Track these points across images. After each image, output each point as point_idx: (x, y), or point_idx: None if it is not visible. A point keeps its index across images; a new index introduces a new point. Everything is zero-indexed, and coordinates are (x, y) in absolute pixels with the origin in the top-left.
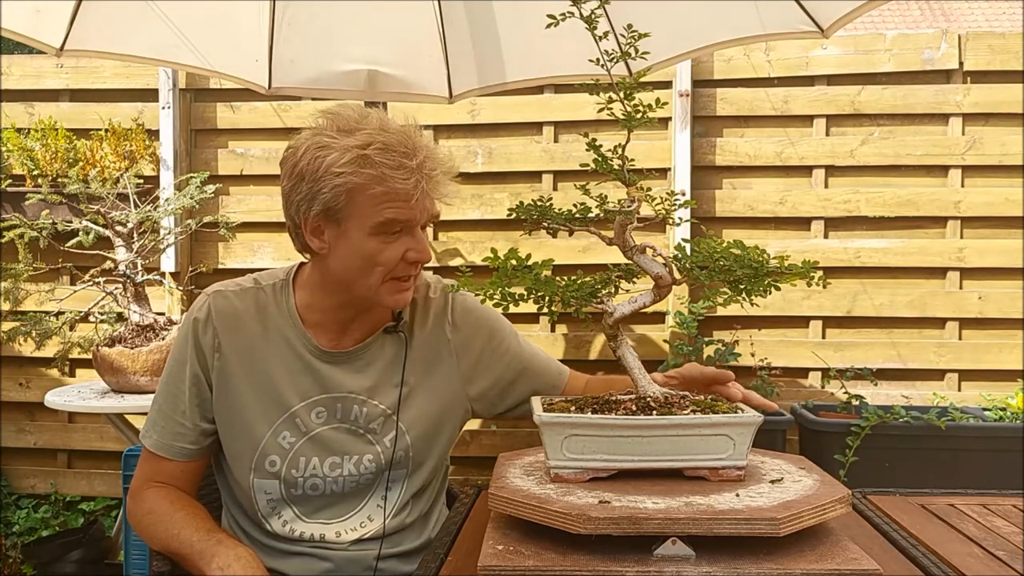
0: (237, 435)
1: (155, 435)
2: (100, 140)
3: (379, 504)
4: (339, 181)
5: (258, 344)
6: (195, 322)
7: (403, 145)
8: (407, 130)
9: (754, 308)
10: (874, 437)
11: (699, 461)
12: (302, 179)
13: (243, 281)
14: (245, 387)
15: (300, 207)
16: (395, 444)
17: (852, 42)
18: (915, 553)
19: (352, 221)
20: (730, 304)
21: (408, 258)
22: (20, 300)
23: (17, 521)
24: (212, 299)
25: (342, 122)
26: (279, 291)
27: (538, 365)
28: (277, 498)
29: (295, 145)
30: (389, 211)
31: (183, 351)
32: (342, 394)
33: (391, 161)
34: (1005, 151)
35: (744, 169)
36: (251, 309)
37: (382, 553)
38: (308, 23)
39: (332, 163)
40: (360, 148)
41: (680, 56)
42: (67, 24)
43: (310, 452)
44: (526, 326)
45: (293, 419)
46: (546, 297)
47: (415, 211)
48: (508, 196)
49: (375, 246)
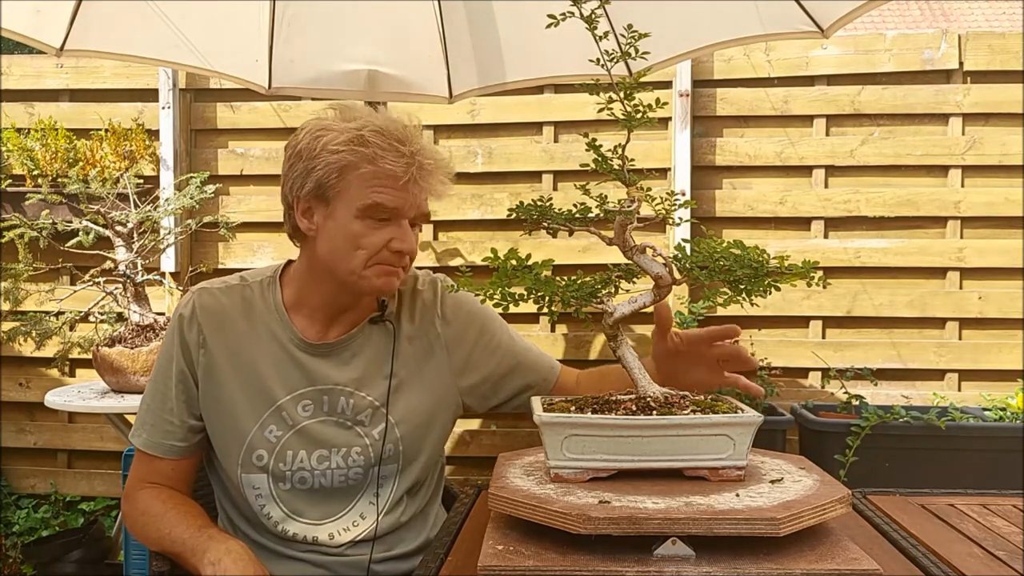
0: (225, 431)
1: (144, 434)
2: (100, 140)
3: (371, 502)
4: (333, 159)
5: (244, 339)
6: (180, 318)
7: (399, 132)
8: (406, 124)
9: (754, 308)
10: (874, 437)
11: (699, 461)
12: (299, 158)
13: (229, 279)
14: (231, 382)
15: (295, 184)
16: (384, 437)
17: (852, 42)
18: (915, 553)
19: (341, 201)
20: (730, 304)
21: (392, 246)
22: (20, 300)
23: (17, 521)
24: (197, 296)
25: (346, 112)
26: (266, 287)
27: (530, 359)
28: (265, 493)
29: (298, 129)
30: (377, 194)
31: (169, 349)
32: (328, 386)
33: (384, 143)
34: (1005, 151)
35: (744, 169)
36: (237, 305)
37: (379, 556)
38: (308, 23)
39: (329, 142)
40: (357, 129)
41: (680, 56)
42: (67, 24)
43: (297, 445)
44: (526, 326)
45: (279, 412)
46: (546, 297)
47: (404, 199)
48: (508, 196)
49: (360, 229)
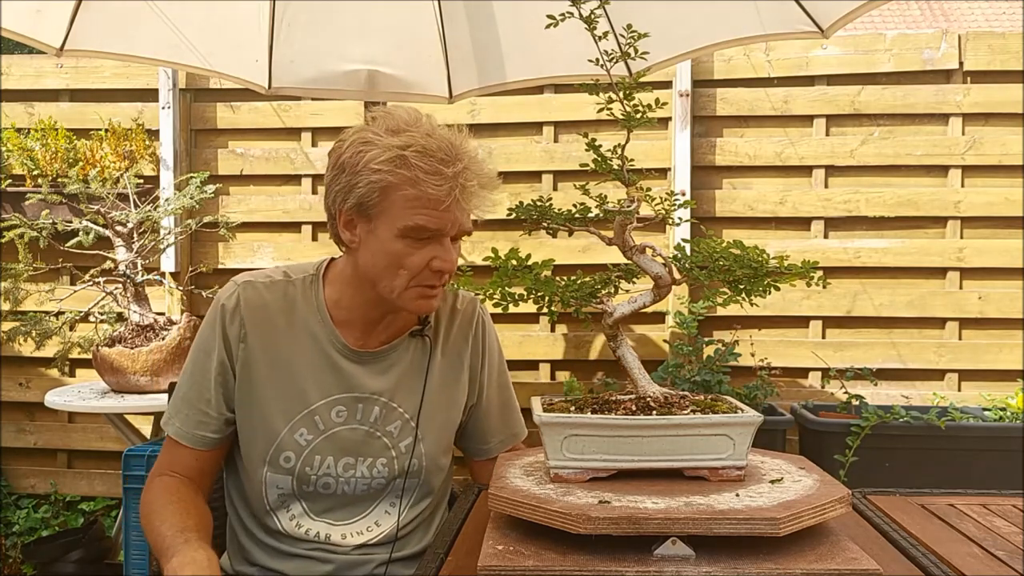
0: (254, 428)
1: (178, 422)
2: (100, 140)
3: (387, 511)
4: (375, 178)
5: (283, 338)
6: (223, 309)
7: (443, 152)
8: (452, 137)
9: (754, 308)
10: (874, 437)
11: (699, 461)
12: (342, 171)
13: (273, 273)
14: (267, 380)
15: (337, 198)
16: (412, 451)
17: (852, 42)
18: (915, 553)
19: (382, 219)
20: (730, 304)
21: (433, 266)
22: (20, 300)
23: (17, 521)
24: (242, 289)
25: (391, 122)
26: (308, 285)
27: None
28: (288, 492)
29: (343, 138)
30: (419, 217)
31: (210, 339)
32: (364, 395)
33: (427, 166)
34: (1005, 151)
35: (744, 169)
36: (279, 302)
37: (385, 557)
38: (308, 23)
39: (371, 159)
40: (400, 148)
41: (680, 56)
42: (67, 24)
43: (325, 451)
44: (526, 326)
45: (312, 416)
46: (546, 297)
47: (445, 220)
48: (508, 196)
49: (402, 248)
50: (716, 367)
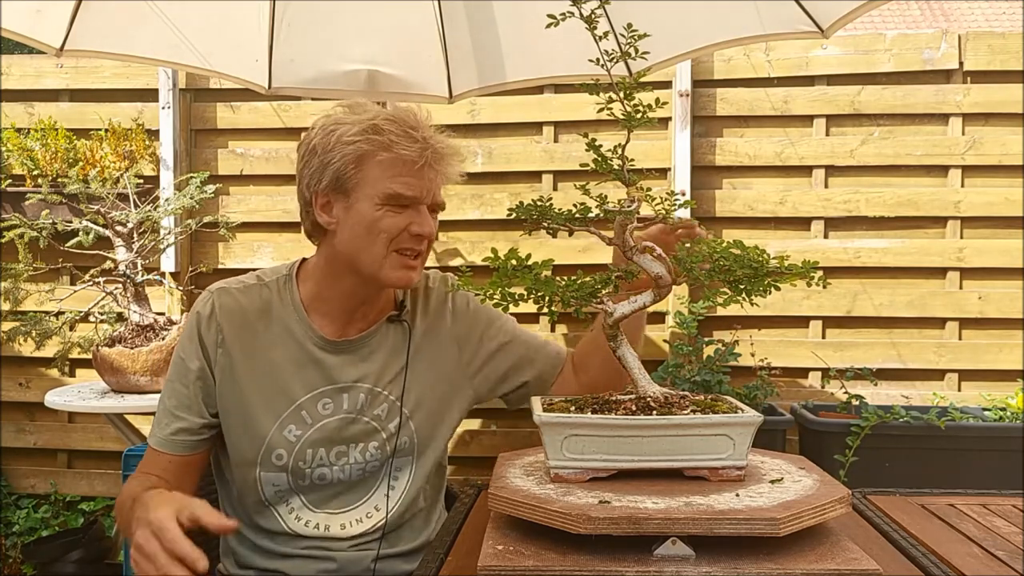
0: (241, 431)
1: (159, 433)
2: (100, 140)
3: (386, 494)
4: (349, 149)
5: (262, 340)
6: (199, 317)
7: (410, 120)
8: (415, 111)
9: (754, 308)
10: (874, 437)
11: (699, 461)
12: (314, 154)
13: (246, 279)
14: (249, 383)
15: (311, 180)
16: (399, 431)
17: (852, 42)
18: (915, 553)
19: (360, 192)
20: (730, 304)
21: (412, 230)
22: (20, 300)
23: (17, 521)
24: (216, 296)
25: (355, 107)
26: (283, 285)
27: (536, 347)
28: (285, 488)
29: (309, 128)
30: (396, 183)
31: (187, 347)
32: (347, 383)
33: (398, 130)
34: (1005, 151)
35: (744, 169)
36: (255, 305)
37: (382, 553)
38: (308, 23)
39: (343, 134)
40: (370, 119)
41: (680, 56)
42: (67, 24)
43: (316, 443)
44: (526, 326)
45: (299, 412)
46: (546, 297)
47: (420, 187)
48: (508, 196)
49: (381, 215)
50: (716, 367)
